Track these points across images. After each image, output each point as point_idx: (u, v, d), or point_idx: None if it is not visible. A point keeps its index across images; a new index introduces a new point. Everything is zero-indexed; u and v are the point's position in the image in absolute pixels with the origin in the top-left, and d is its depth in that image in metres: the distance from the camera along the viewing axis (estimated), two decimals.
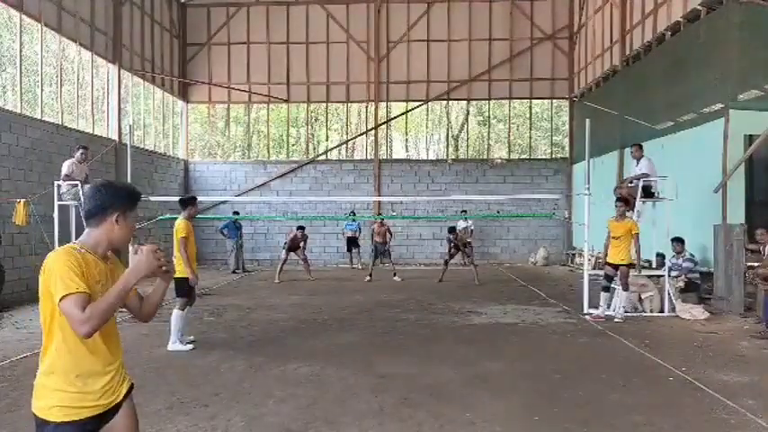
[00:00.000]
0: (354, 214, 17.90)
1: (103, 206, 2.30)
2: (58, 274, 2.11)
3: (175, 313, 7.09)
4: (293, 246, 14.96)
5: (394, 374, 5.96)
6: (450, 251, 14.55)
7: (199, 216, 19.54)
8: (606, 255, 9.23)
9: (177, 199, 8.13)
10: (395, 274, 14.71)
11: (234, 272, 16.90)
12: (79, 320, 2.06)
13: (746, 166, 10.41)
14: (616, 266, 9.02)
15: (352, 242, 17.95)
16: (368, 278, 14.54)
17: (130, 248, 8.47)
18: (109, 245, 2.34)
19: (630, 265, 8.95)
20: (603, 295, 9.14)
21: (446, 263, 14.42)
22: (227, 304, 10.72)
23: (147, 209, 15.96)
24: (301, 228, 15.13)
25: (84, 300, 2.09)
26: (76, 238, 2.37)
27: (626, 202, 9.24)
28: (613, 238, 9.02)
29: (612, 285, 9.25)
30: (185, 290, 7.15)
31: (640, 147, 10.01)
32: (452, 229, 14.59)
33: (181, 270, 6.96)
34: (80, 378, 2.22)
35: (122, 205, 2.33)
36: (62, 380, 2.20)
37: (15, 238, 11.00)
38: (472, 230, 16.46)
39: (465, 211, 17.21)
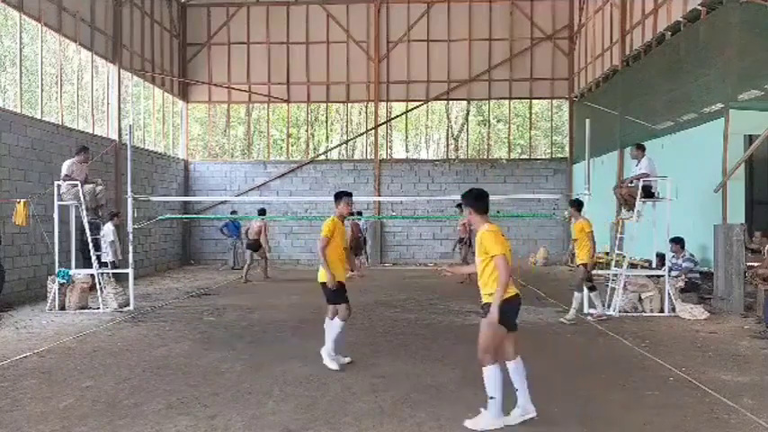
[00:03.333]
0: (360, 214, 17.83)
1: None
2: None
3: (336, 323, 6.19)
4: (255, 242, 14.20)
5: (394, 374, 5.96)
6: (457, 246, 14.51)
7: (198, 216, 19.71)
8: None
9: (174, 199, 8.04)
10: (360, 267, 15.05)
11: (233, 268, 17.35)
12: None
13: (746, 166, 10.41)
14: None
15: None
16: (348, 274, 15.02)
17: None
18: None
19: (585, 265, 8.81)
20: (592, 294, 9.10)
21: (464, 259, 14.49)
22: (227, 304, 10.72)
23: (146, 209, 16.01)
24: (262, 211, 14.57)
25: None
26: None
27: (574, 205, 9.22)
28: (573, 240, 9.12)
29: (611, 285, 9.24)
30: (338, 294, 6.19)
31: (640, 146, 9.95)
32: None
33: (338, 274, 6.18)
34: None
35: None
36: None
37: (15, 238, 11.00)
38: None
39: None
